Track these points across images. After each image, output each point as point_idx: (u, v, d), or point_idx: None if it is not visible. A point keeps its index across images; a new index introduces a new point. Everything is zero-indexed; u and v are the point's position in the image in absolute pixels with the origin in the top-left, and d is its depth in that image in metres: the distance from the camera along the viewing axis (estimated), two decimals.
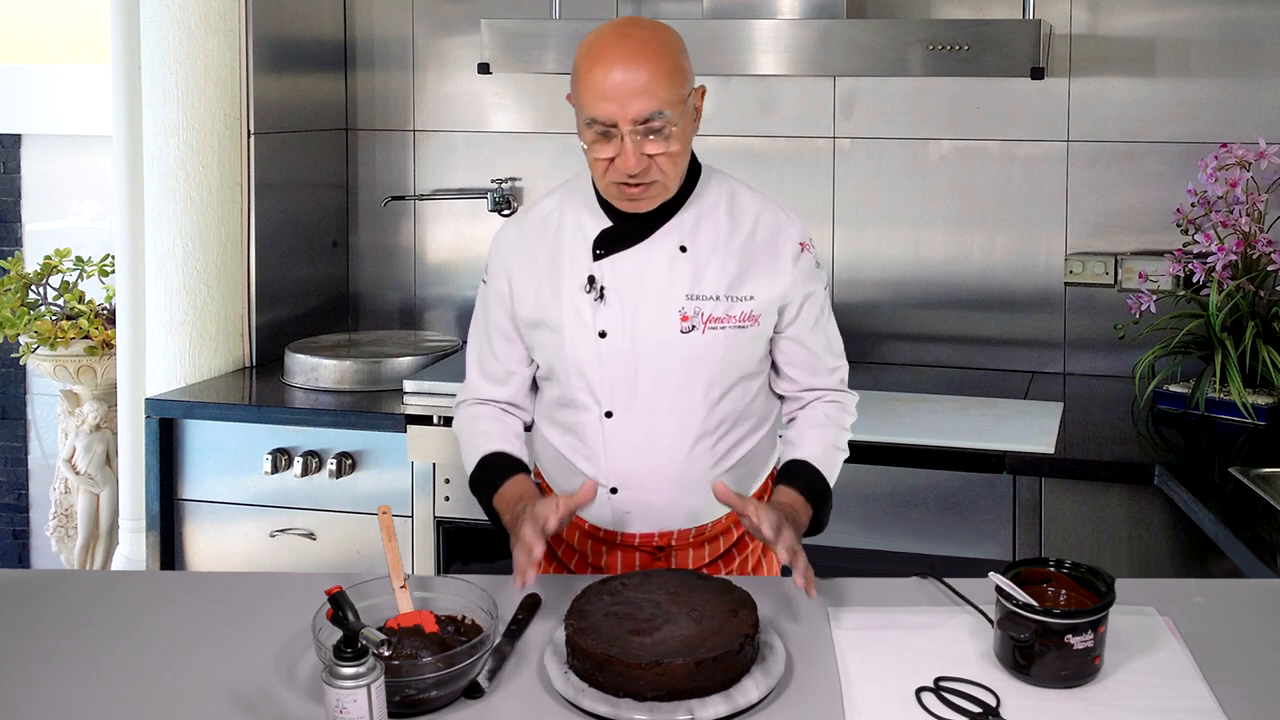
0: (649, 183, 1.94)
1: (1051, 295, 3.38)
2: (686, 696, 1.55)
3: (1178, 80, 3.27)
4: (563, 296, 2.03)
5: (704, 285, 2.00)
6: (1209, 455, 2.77)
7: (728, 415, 2.05)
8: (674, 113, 1.91)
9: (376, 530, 2.59)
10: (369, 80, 3.78)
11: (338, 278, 3.81)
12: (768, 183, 3.50)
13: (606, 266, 2.02)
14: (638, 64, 1.88)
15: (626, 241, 2.02)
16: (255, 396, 3.23)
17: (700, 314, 2.00)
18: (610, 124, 1.89)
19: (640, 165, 1.91)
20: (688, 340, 2.00)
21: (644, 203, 1.97)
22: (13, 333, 3.82)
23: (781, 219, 2.07)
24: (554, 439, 2.11)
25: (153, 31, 3.29)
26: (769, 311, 2.04)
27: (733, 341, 2.01)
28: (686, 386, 2.01)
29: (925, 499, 2.80)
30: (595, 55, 1.91)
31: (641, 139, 1.90)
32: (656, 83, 1.89)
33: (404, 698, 1.54)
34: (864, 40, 3.01)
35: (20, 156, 4.27)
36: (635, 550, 2.09)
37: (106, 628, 1.80)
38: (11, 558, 4.34)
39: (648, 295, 2.00)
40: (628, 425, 2.02)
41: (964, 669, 1.64)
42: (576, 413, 2.05)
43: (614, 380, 2.01)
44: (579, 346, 2.02)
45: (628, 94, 1.87)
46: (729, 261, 2.02)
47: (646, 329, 2.00)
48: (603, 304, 2.01)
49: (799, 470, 2.04)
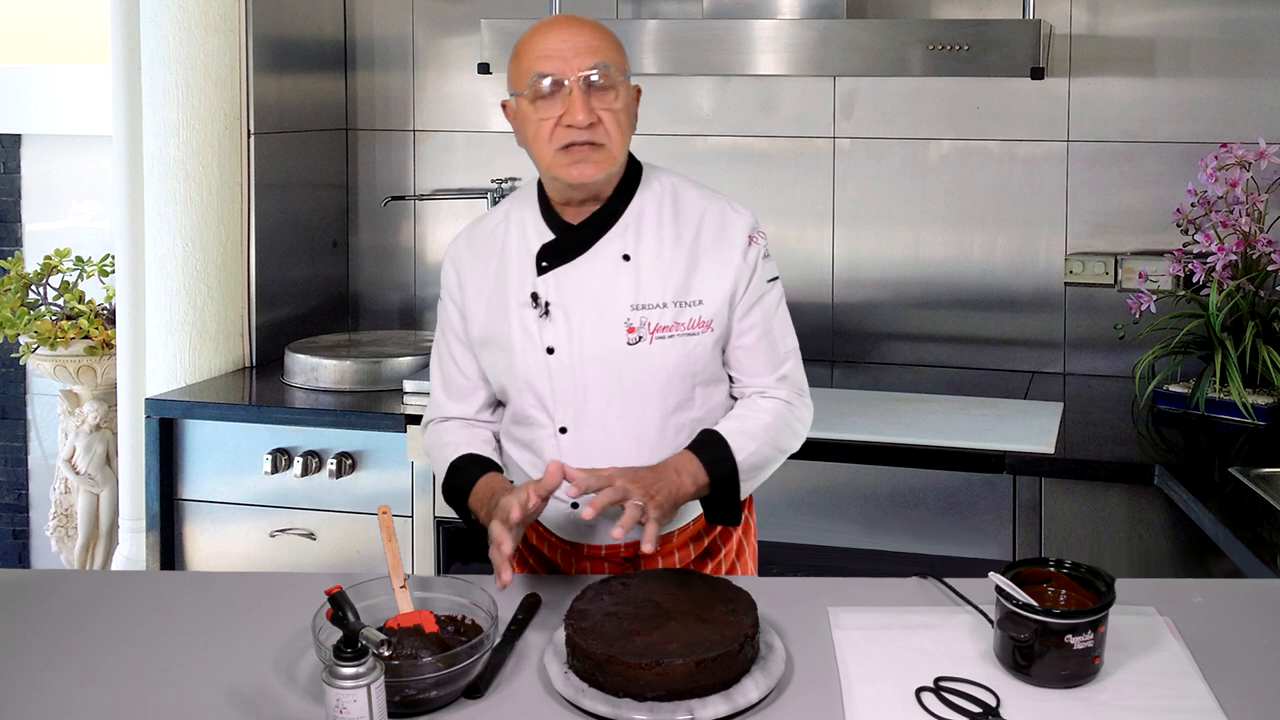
0: (597, 144, 1.92)
1: (1051, 295, 3.38)
2: (686, 696, 1.55)
3: (1178, 80, 3.27)
4: (510, 314, 2.01)
5: (649, 293, 1.97)
6: (1209, 455, 2.77)
7: (684, 424, 2.01)
8: (618, 73, 1.94)
9: (376, 530, 2.60)
10: (369, 80, 3.78)
11: (338, 278, 3.81)
12: (768, 182, 3.51)
13: (551, 281, 1.99)
14: (582, 26, 1.96)
15: (569, 254, 1.99)
16: (255, 396, 3.23)
17: (647, 324, 1.96)
18: (557, 78, 1.91)
19: (589, 117, 1.91)
20: (634, 352, 1.96)
21: (591, 168, 1.93)
22: (13, 333, 3.82)
23: (729, 214, 2.03)
24: (514, 454, 2.09)
25: (153, 31, 3.29)
26: (720, 314, 2.00)
27: (683, 350, 1.97)
28: (637, 398, 1.98)
29: (925, 499, 2.80)
30: (536, 29, 1.98)
31: (588, 92, 1.92)
32: (600, 41, 1.95)
33: (404, 698, 1.54)
34: (864, 40, 3.01)
35: (20, 156, 4.27)
36: (604, 560, 2.07)
37: (106, 628, 1.80)
38: (11, 558, 4.34)
39: (592, 309, 1.97)
40: (582, 440, 1.99)
41: (964, 669, 1.64)
42: (531, 429, 2.03)
43: (564, 396, 1.99)
44: (528, 364, 1.99)
45: (573, 49, 1.92)
46: (675, 266, 1.98)
47: (593, 343, 1.97)
48: (548, 320, 1.98)
49: (707, 438, 1.97)
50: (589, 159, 1.93)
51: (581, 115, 1.90)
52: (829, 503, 2.82)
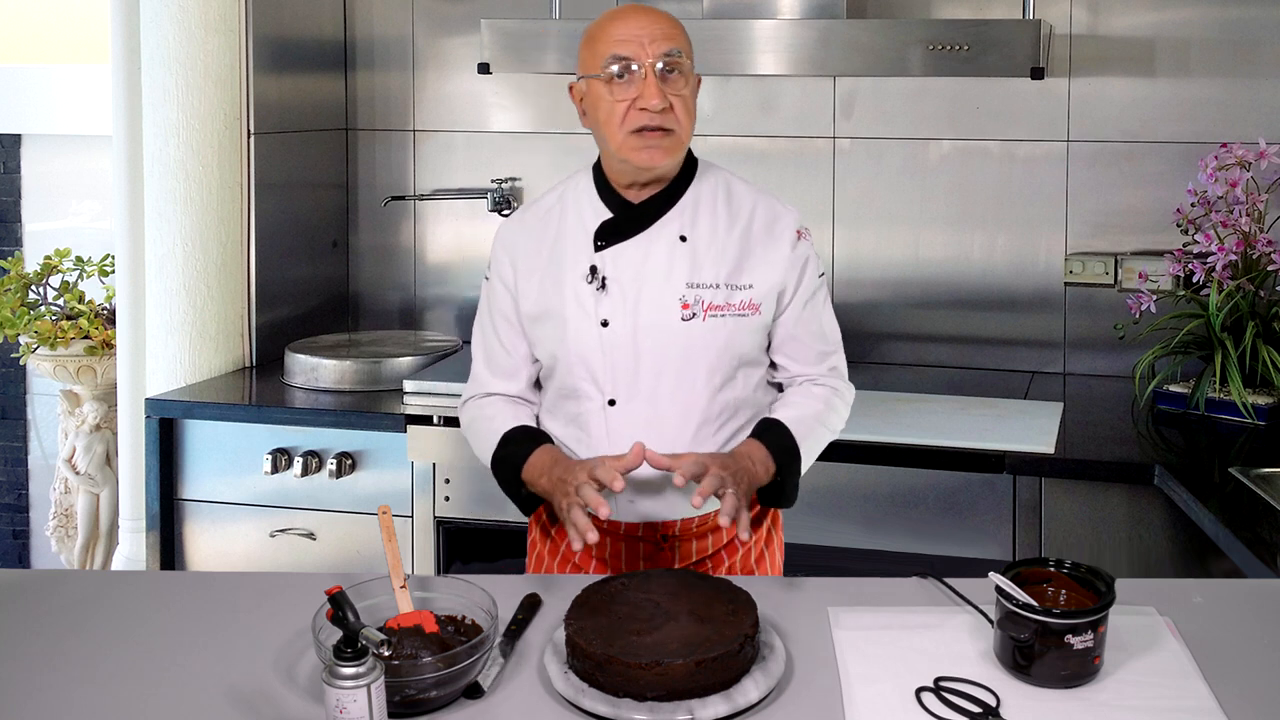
0: (668, 130, 1.99)
1: (1051, 295, 3.38)
2: (686, 696, 1.55)
3: (1178, 80, 3.27)
4: (565, 287, 2.06)
5: (704, 274, 2.04)
6: (1209, 455, 2.77)
7: (729, 403, 2.07)
8: (689, 62, 2.02)
9: (376, 530, 2.59)
10: (369, 80, 3.78)
11: (338, 278, 3.81)
12: (767, 183, 3.48)
13: (608, 256, 2.06)
14: (657, 14, 2.04)
15: (627, 232, 2.06)
16: (255, 396, 3.23)
17: (701, 302, 2.03)
18: (633, 60, 1.97)
19: (663, 101, 1.97)
20: (688, 328, 2.03)
21: (661, 153, 2.00)
22: (13, 333, 3.82)
23: (778, 208, 2.12)
24: (556, 431, 2.12)
25: (153, 31, 3.29)
26: (769, 300, 2.07)
27: (733, 329, 2.04)
28: (688, 374, 2.04)
29: (925, 499, 2.80)
30: (612, 14, 2.04)
31: (662, 78, 1.98)
32: (675, 29, 2.03)
33: (404, 698, 1.54)
34: (864, 40, 3.01)
35: (20, 156, 4.27)
36: (639, 541, 2.10)
37: (106, 628, 1.80)
38: (11, 558, 4.34)
39: (649, 284, 2.04)
40: (630, 413, 2.04)
41: (964, 669, 1.64)
42: (579, 403, 2.08)
43: (616, 368, 2.04)
44: (581, 336, 2.05)
45: (650, 35, 2.00)
46: (728, 250, 2.06)
47: (648, 317, 2.03)
48: (604, 293, 2.05)
49: (770, 426, 2.06)
50: (660, 144, 2.00)
51: (656, 99, 1.97)
52: (829, 503, 2.82)
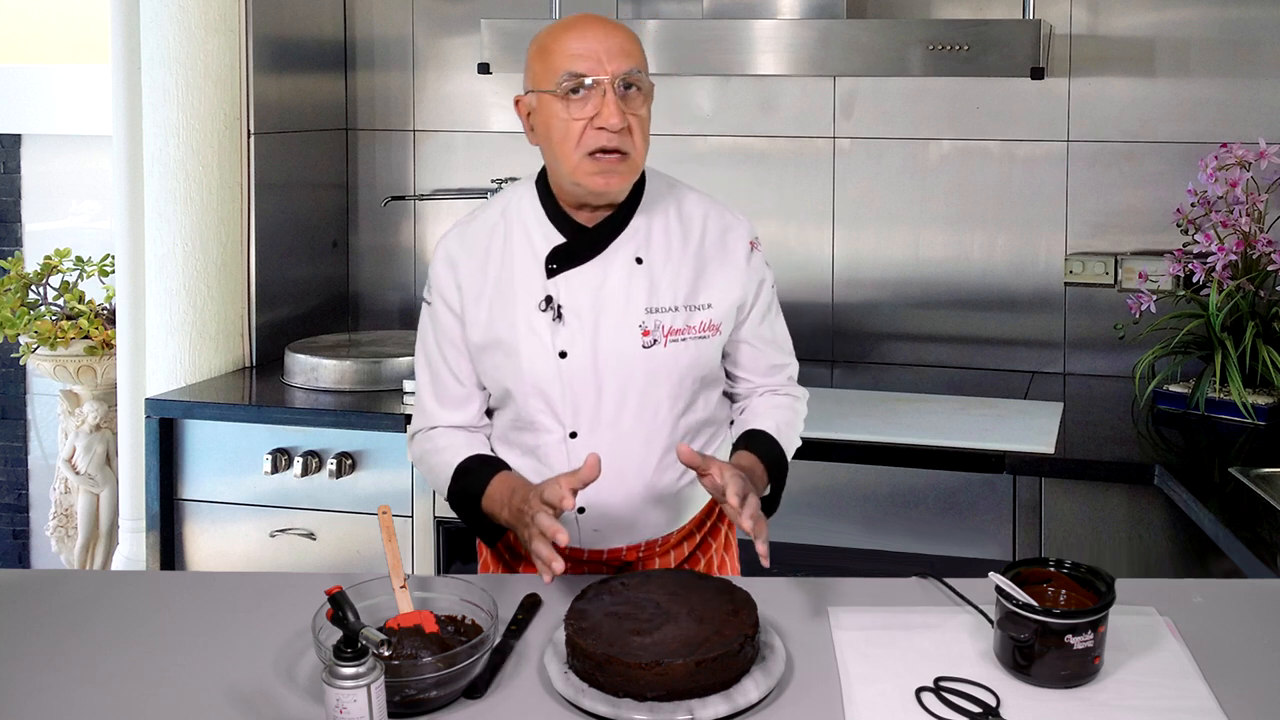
0: (624, 153, 1.89)
1: (1051, 295, 3.38)
2: (686, 696, 1.55)
3: (1178, 80, 3.27)
4: (517, 317, 1.96)
5: (661, 297, 1.96)
6: (1209, 455, 2.77)
7: (692, 426, 2.02)
8: (647, 80, 1.93)
9: (376, 530, 2.59)
10: (369, 80, 3.78)
11: (338, 278, 3.81)
12: (768, 183, 3.51)
13: (561, 283, 1.95)
14: (615, 28, 1.93)
15: (581, 257, 1.96)
16: (255, 396, 3.23)
17: (661, 327, 1.96)
18: (591, 79, 1.87)
19: (623, 120, 1.87)
20: (649, 355, 1.95)
21: (617, 179, 1.91)
22: (13, 333, 3.82)
23: (729, 219, 2.04)
24: (513, 461, 2.02)
25: (153, 31, 3.29)
26: (728, 319, 2.01)
27: (695, 354, 1.98)
28: (650, 401, 1.97)
29: (925, 499, 2.80)
30: (567, 25, 1.93)
31: (621, 96, 1.88)
32: (633, 45, 1.93)
33: (404, 698, 1.54)
34: (864, 40, 3.01)
35: (20, 156, 4.27)
36: (603, 565, 2.06)
37: (106, 628, 1.80)
38: (11, 558, 4.34)
39: (606, 311, 1.95)
40: (593, 445, 1.93)
41: (964, 669, 1.64)
42: (537, 435, 1.99)
43: (577, 400, 1.96)
44: (538, 367, 1.95)
45: (607, 51, 1.89)
46: (683, 270, 1.98)
47: (608, 346, 1.95)
48: (561, 324, 1.95)
49: (756, 437, 2.00)
50: (616, 169, 1.90)
51: (615, 119, 1.86)
52: (829, 503, 2.81)
